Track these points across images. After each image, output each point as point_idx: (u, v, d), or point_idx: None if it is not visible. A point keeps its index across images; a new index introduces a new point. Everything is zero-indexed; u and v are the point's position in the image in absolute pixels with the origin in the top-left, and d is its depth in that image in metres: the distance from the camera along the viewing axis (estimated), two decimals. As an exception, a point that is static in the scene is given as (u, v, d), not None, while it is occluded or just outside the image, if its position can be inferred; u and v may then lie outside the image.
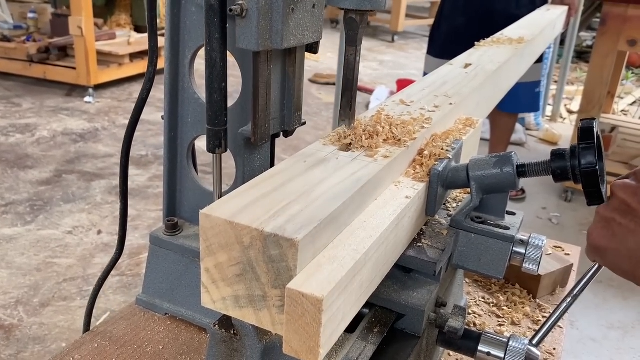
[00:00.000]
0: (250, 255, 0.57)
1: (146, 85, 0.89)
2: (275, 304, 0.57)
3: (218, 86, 0.74)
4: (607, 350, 2.39)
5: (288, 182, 0.66)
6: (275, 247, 0.55)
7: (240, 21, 0.71)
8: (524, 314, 1.11)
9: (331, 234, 0.62)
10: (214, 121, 0.76)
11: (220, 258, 0.58)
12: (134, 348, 0.92)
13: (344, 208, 0.63)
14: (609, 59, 3.41)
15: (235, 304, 0.59)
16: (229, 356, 0.78)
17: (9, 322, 2.25)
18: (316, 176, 0.68)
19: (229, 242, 0.57)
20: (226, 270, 0.58)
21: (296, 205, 0.60)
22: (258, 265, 0.57)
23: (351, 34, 0.73)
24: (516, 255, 0.83)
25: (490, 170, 0.80)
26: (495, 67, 1.28)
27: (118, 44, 5.29)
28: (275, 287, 0.56)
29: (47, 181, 3.45)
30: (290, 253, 0.55)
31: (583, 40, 7.69)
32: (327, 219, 0.59)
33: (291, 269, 0.55)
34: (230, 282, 0.59)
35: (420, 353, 0.83)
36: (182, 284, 0.98)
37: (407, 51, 8.25)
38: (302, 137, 4.11)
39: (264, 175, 0.68)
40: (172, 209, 1.01)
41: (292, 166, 0.71)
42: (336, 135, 0.81)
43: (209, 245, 0.58)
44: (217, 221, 0.57)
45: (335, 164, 0.73)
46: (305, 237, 0.55)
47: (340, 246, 0.61)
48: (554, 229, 3.33)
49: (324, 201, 0.62)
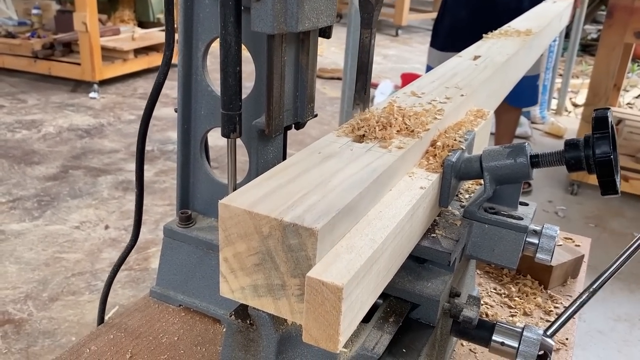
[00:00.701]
0: (269, 245, 0.57)
1: (163, 68, 0.88)
2: (294, 293, 0.58)
3: (232, 70, 0.73)
4: (614, 343, 2.39)
5: (304, 173, 0.66)
6: (294, 236, 0.55)
7: (255, 4, 0.71)
8: (535, 305, 1.11)
9: (348, 224, 0.62)
10: (228, 105, 0.75)
11: (239, 248, 0.58)
12: (149, 339, 0.93)
13: (360, 198, 0.63)
14: (615, 52, 3.39)
15: (254, 293, 0.60)
16: (245, 346, 0.78)
17: (19, 316, 2.27)
18: (331, 167, 0.69)
19: (247, 232, 0.57)
20: (245, 260, 0.59)
21: (313, 195, 0.61)
22: (277, 254, 0.57)
23: (366, 16, 0.73)
24: (529, 245, 0.83)
25: (503, 161, 0.80)
26: (504, 59, 1.28)
27: (122, 40, 5.30)
28: (294, 276, 0.57)
29: (53, 177, 3.46)
30: (309, 242, 0.55)
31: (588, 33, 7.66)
32: (344, 208, 0.59)
33: (310, 258, 0.55)
34: (249, 271, 0.59)
35: (435, 343, 0.83)
36: (196, 275, 0.98)
37: (411, 45, 8.23)
38: (307, 132, 4.11)
39: (279, 166, 0.68)
40: (186, 201, 1.02)
41: (307, 157, 0.71)
42: (349, 126, 0.81)
43: (228, 235, 0.58)
44: (236, 211, 0.57)
45: (350, 155, 0.73)
46: (324, 227, 0.55)
47: (358, 236, 0.61)
48: (560, 222, 3.33)
49: (340, 191, 0.62)
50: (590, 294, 0.78)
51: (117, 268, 1.01)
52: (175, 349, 0.91)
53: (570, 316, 0.79)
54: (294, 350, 0.75)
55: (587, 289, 0.78)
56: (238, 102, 0.75)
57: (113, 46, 5.10)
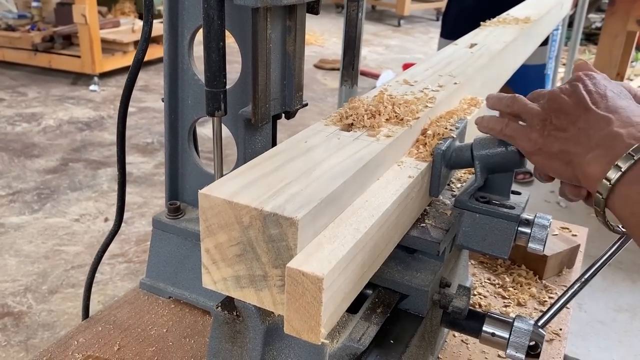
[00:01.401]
0: (250, 235, 0.56)
1: (142, 45, 0.86)
2: (276, 284, 0.57)
3: (216, 45, 0.71)
4: (615, 333, 2.38)
5: (288, 161, 0.65)
6: (275, 226, 0.54)
7: None
8: (530, 295, 1.10)
9: (332, 214, 0.61)
10: (212, 82, 0.73)
11: (220, 238, 0.57)
12: (138, 332, 0.92)
13: (344, 187, 0.62)
14: (618, 40, 3.36)
15: (236, 284, 0.59)
16: (231, 337, 0.77)
17: (18, 309, 2.27)
18: (317, 156, 0.68)
19: (228, 222, 0.56)
20: (226, 251, 0.58)
21: (296, 184, 0.60)
22: (258, 245, 0.56)
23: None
24: (521, 235, 0.81)
25: (494, 149, 0.78)
26: (500, 47, 1.26)
27: (122, 32, 5.28)
28: (276, 266, 0.56)
29: (53, 170, 3.46)
30: (290, 232, 0.54)
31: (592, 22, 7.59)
32: (327, 198, 0.58)
33: (291, 248, 0.54)
34: (230, 262, 0.58)
35: (425, 334, 0.82)
36: (186, 267, 0.98)
37: (414, 35, 8.18)
38: (306, 123, 4.09)
39: (264, 155, 0.67)
40: (175, 193, 1.01)
41: (293, 146, 0.70)
42: (338, 115, 0.80)
43: (209, 225, 0.58)
44: (216, 201, 0.56)
45: (337, 143, 0.72)
46: (305, 216, 0.54)
47: (342, 225, 0.60)
48: (562, 212, 3.31)
49: (324, 180, 0.61)
50: (582, 284, 0.77)
51: (101, 254, 1.00)
52: (163, 340, 0.91)
53: (562, 306, 0.78)
54: (281, 342, 0.74)
55: (579, 279, 0.77)
56: (222, 79, 0.73)
57: (113, 38, 5.09)
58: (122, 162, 0.94)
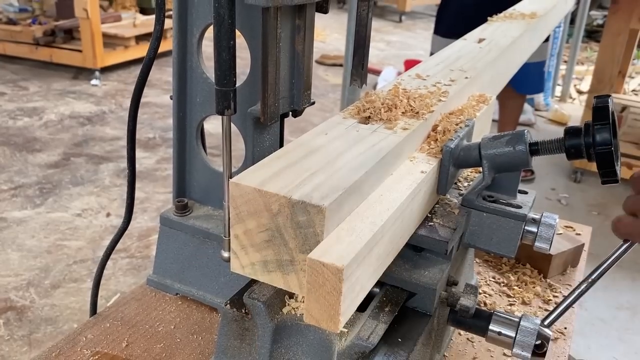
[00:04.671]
0: (279, 222, 0.58)
1: (153, 44, 0.85)
2: (303, 268, 0.59)
3: (226, 44, 0.70)
4: (615, 331, 2.39)
5: (311, 153, 0.68)
6: (303, 213, 0.57)
7: None
8: (534, 294, 1.10)
9: (355, 202, 0.63)
10: (222, 81, 0.72)
11: (249, 225, 0.60)
12: (146, 328, 0.93)
13: (366, 177, 0.65)
14: (620, 37, 3.35)
15: (264, 268, 0.61)
16: (240, 335, 0.78)
17: (21, 303, 2.28)
18: (338, 148, 0.70)
19: (257, 209, 0.59)
20: (255, 237, 0.60)
21: (321, 174, 0.62)
22: (286, 231, 0.58)
23: None
24: (528, 234, 0.82)
25: (502, 149, 0.78)
26: (508, 42, 1.26)
27: (124, 26, 5.27)
28: (303, 251, 0.58)
29: (55, 164, 3.46)
30: (317, 219, 0.56)
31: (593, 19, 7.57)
32: (351, 187, 0.61)
33: (318, 234, 0.57)
34: (258, 247, 0.60)
35: (432, 332, 0.83)
36: (193, 264, 0.98)
37: (415, 31, 8.16)
38: (309, 120, 4.09)
39: (287, 147, 0.69)
40: (182, 190, 1.01)
41: (314, 138, 0.72)
42: (355, 108, 0.82)
43: (238, 212, 0.60)
44: (246, 189, 0.58)
45: (356, 136, 0.74)
46: (331, 204, 0.56)
47: (359, 219, 0.62)
48: (563, 210, 3.31)
49: (347, 171, 0.64)
50: (589, 285, 0.77)
51: (110, 252, 1.00)
52: (171, 337, 0.91)
53: (568, 307, 0.78)
54: (289, 339, 0.75)
55: (585, 279, 0.77)
56: (232, 78, 0.73)
57: (114, 33, 5.07)
58: (132, 161, 0.94)
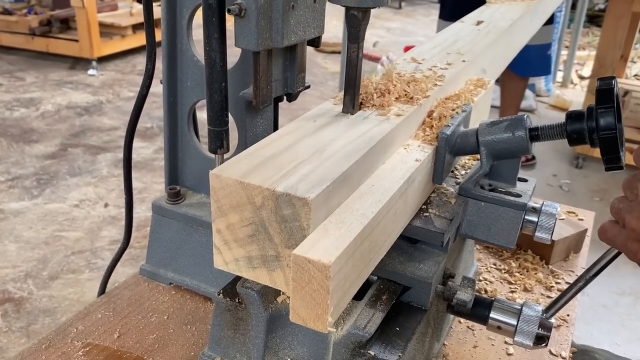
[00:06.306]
0: (262, 216, 0.55)
1: (145, 82, 0.88)
2: (289, 264, 0.56)
3: (218, 87, 0.73)
4: (618, 317, 2.37)
5: (298, 141, 0.64)
6: (288, 206, 0.54)
7: (239, 21, 0.69)
8: (536, 280, 1.08)
9: (344, 194, 0.60)
10: (214, 122, 0.75)
11: (232, 219, 0.57)
12: (138, 318, 0.91)
13: (356, 167, 0.61)
14: (622, 21, 3.31)
15: (248, 264, 0.58)
16: (234, 325, 0.76)
17: (19, 294, 2.26)
18: (327, 135, 0.67)
19: (240, 203, 0.56)
20: (238, 231, 0.57)
21: (308, 164, 0.59)
22: (270, 225, 0.55)
23: (353, 30, 0.69)
24: (528, 223, 0.78)
25: (501, 135, 0.75)
26: (507, 24, 1.23)
27: (120, 15, 5.22)
28: (289, 247, 0.55)
29: (52, 155, 3.43)
30: (303, 212, 0.53)
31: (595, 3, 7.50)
32: (339, 178, 0.57)
33: (304, 229, 0.54)
34: (242, 242, 0.57)
35: (428, 326, 0.80)
36: (186, 252, 0.96)
37: (415, 17, 8.09)
38: (307, 107, 4.05)
39: (273, 135, 0.66)
40: (174, 177, 0.98)
41: (302, 126, 0.69)
42: None
43: (220, 206, 0.57)
44: (228, 181, 0.55)
45: (347, 122, 0.71)
46: (318, 196, 0.53)
47: (348, 211, 0.58)
48: (565, 196, 3.29)
49: (335, 160, 0.60)
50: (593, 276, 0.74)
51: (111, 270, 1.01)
52: (164, 327, 0.89)
53: (571, 298, 0.75)
54: (284, 329, 0.73)
55: (588, 270, 0.74)
56: (225, 118, 0.75)
57: (111, 22, 5.03)
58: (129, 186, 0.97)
